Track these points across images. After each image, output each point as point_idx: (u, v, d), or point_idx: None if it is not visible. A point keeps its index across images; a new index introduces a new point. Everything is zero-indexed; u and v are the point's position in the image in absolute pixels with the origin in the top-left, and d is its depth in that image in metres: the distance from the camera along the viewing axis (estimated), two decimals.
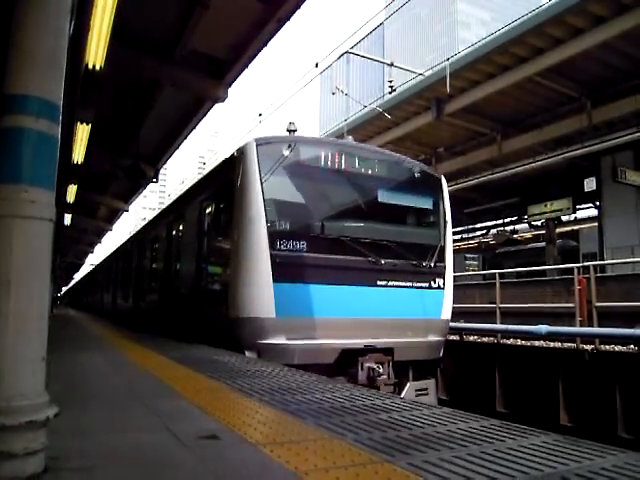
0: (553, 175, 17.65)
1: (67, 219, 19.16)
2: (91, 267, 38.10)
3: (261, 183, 6.23)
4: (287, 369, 4.85)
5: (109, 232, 29.31)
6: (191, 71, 10.29)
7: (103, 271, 24.44)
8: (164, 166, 17.17)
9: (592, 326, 8.79)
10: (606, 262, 13.94)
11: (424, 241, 7.38)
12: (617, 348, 8.29)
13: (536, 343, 9.54)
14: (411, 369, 6.98)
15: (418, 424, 2.70)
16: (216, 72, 10.40)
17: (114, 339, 9.26)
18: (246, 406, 3.09)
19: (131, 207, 22.33)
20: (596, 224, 17.95)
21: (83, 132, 10.37)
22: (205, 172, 9.40)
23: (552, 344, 9.28)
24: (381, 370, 6.42)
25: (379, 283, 6.64)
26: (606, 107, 13.89)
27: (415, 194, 7.59)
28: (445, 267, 7.32)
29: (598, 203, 17.48)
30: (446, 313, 7.23)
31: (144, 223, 16.04)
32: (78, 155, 11.76)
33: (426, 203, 7.68)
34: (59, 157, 2.10)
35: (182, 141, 14.48)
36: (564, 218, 21.56)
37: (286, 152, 6.50)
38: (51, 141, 2.00)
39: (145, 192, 22.81)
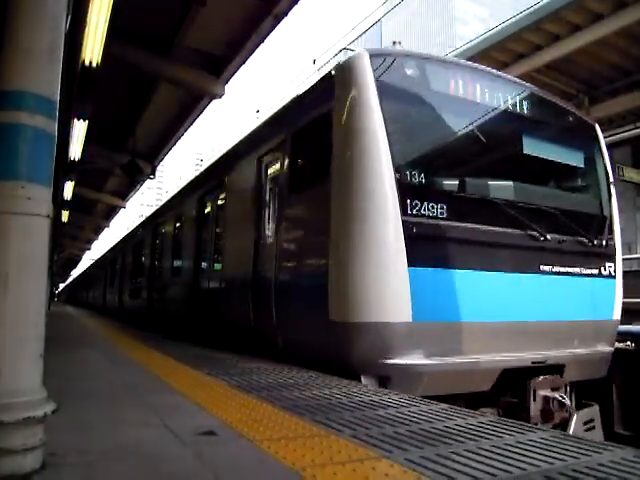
0: None
1: (64, 216, 19.12)
2: (91, 262, 36.81)
3: (382, 112, 4.26)
4: (284, 366, 4.82)
5: (106, 229, 29.29)
6: (188, 67, 10.28)
7: (106, 265, 21.82)
8: (161, 163, 17.15)
9: None
10: None
11: (588, 209, 5.56)
12: None
13: None
14: (574, 393, 5.22)
15: (415, 420, 2.71)
16: (213, 68, 10.38)
17: (114, 338, 9.26)
18: (243, 402, 3.09)
19: (128, 204, 22.32)
20: None
21: (80, 128, 10.34)
22: (260, 121, 7.00)
23: None
24: (566, 401, 4.56)
25: (542, 269, 4.76)
26: (604, 104, 13.91)
27: (571, 146, 5.67)
28: (615, 246, 5.45)
29: None
30: (617, 312, 5.39)
31: (161, 204, 12.95)
32: (75, 152, 11.73)
33: (583, 158, 5.74)
34: (56, 154, 2.09)
35: (179, 138, 14.45)
36: None
37: (410, 71, 4.61)
38: (48, 137, 2.00)
39: (142, 189, 22.76)
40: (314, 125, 5.03)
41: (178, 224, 10.17)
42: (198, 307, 7.94)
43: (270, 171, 5.92)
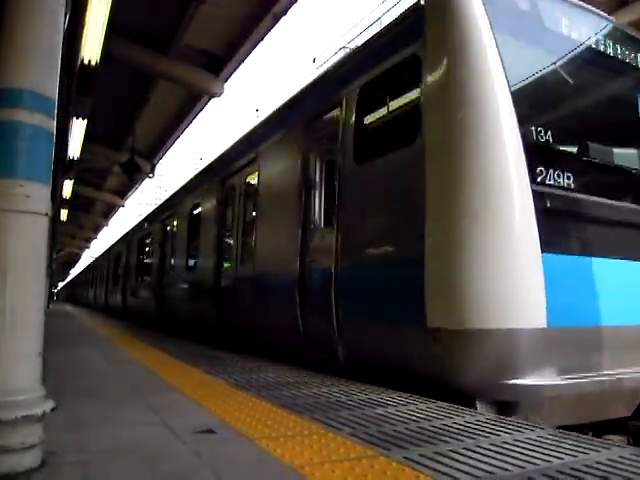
0: None
1: (63, 214, 19.12)
2: (91, 259, 36.27)
3: (499, 53, 3.32)
4: (284, 365, 4.80)
5: (105, 228, 29.31)
6: (187, 66, 10.30)
7: (109, 261, 20.29)
8: (160, 161, 17.18)
9: None
10: None
11: None
12: None
13: None
14: None
15: (414, 418, 2.71)
16: (212, 67, 10.39)
17: (114, 337, 9.25)
18: (242, 401, 3.10)
19: (127, 202, 22.35)
20: None
21: (79, 127, 10.34)
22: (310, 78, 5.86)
23: None
24: None
25: None
26: None
27: None
28: None
29: None
30: None
31: (174, 190, 11.84)
32: (74, 150, 11.73)
33: None
34: (55, 152, 2.09)
35: (178, 136, 14.47)
36: None
37: (525, 6, 3.70)
38: (46, 135, 2.00)
39: (141, 187, 22.79)
40: (393, 73, 4.01)
41: (196, 212, 8.81)
42: (222, 308, 6.90)
43: (323, 139, 4.87)
